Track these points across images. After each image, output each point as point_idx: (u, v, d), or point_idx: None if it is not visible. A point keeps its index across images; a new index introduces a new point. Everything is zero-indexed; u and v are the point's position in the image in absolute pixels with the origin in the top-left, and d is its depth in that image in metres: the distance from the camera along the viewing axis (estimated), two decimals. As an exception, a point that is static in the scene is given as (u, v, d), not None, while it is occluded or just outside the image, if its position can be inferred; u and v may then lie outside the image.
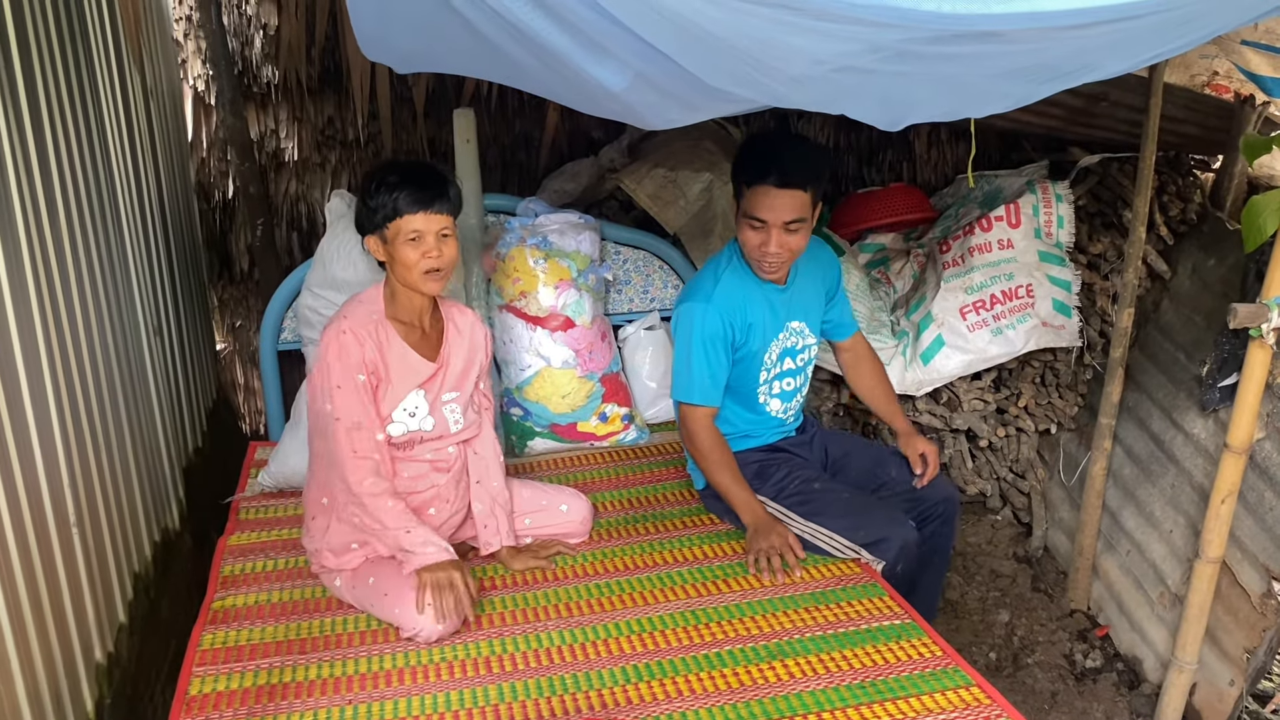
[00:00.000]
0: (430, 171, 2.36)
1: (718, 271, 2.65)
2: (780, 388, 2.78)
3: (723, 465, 2.64)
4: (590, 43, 1.50)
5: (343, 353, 2.32)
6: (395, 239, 2.29)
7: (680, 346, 2.64)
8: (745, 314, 2.63)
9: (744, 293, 2.63)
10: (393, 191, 2.27)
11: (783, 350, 2.73)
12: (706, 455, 2.64)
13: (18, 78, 2.13)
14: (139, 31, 3.28)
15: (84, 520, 2.27)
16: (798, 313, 2.74)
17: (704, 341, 2.59)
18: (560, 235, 3.34)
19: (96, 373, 2.50)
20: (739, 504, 2.62)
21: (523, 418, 3.35)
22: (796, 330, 2.75)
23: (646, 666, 2.18)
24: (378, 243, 2.34)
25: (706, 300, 2.59)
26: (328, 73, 4.17)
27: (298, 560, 2.66)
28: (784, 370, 2.77)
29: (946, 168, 4.37)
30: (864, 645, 2.23)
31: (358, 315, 2.36)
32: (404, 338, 2.40)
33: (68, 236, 2.38)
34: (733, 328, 2.61)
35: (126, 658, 2.45)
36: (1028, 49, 1.35)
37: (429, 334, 2.47)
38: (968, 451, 3.84)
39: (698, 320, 2.59)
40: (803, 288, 2.74)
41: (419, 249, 2.29)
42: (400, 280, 2.36)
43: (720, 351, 2.61)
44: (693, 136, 3.84)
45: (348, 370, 2.31)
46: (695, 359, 2.60)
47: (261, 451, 3.34)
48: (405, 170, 2.33)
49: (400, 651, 2.25)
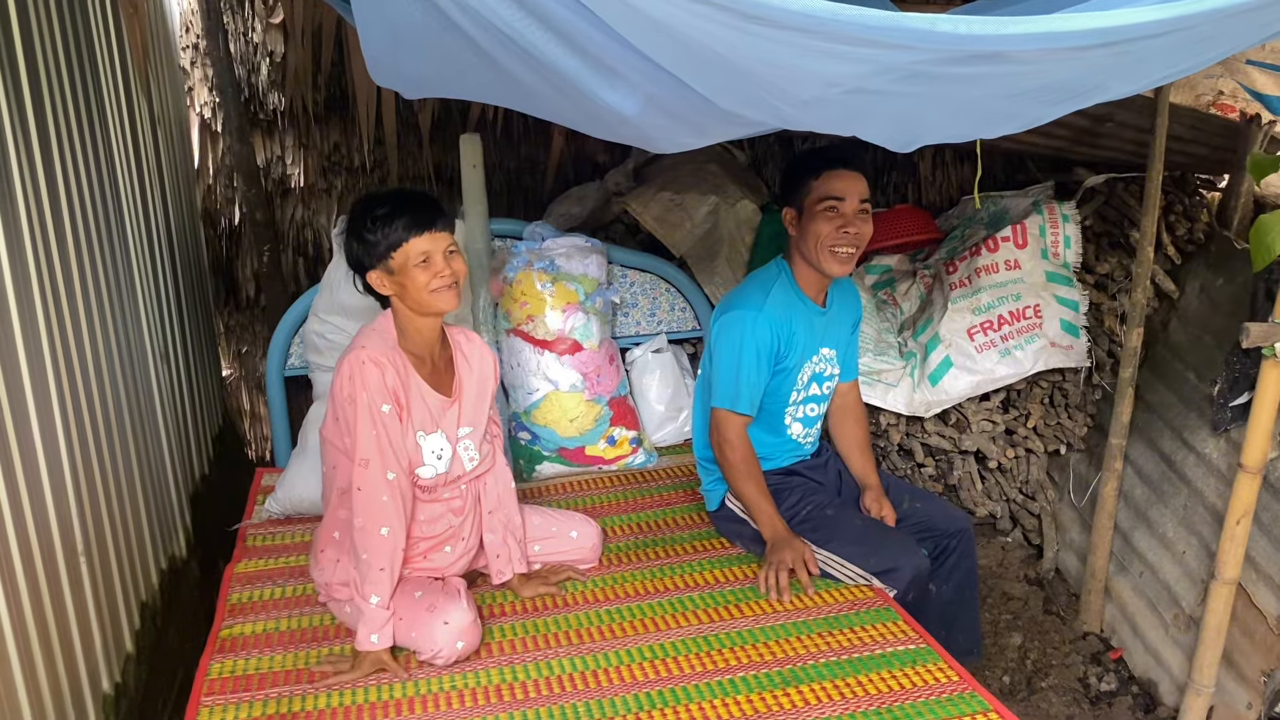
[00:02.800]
0: (417, 194, 2.34)
1: (767, 284, 2.65)
2: (804, 412, 2.77)
3: (752, 476, 2.62)
4: (601, 66, 1.50)
5: (366, 382, 2.23)
6: (404, 267, 2.25)
7: (728, 354, 2.61)
8: (790, 329, 2.63)
9: (789, 309, 2.63)
10: (390, 221, 2.23)
11: (812, 374, 2.73)
12: (738, 464, 2.62)
13: (28, 106, 2.14)
14: (146, 59, 3.29)
15: (92, 549, 2.26)
16: (830, 340, 2.74)
17: (756, 350, 2.58)
18: (567, 259, 3.34)
19: (104, 399, 2.49)
20: (762, 518, 2.60)
21: (531, 442, 3.33)
22: (827, 357, 2.75)
23: (660, 694, 2.15)
24: (382, 276, 2.28)
25: (758, 310, 2.59)
26: (334, 99, 4.19)
27: (305, 587, 2.64)
28: (810, 395, 2.76)
29: (951, 189, 4.37)
30: (879, 670, 2.20)
31: (376, 344, 2.29)
32: (417, 370, 2.35)
33: (76, 263, 2.38)
34: (779, 339, 2.61)
35: (134, 688, 2.43)
36: (1040, 69, 1.35)
37: (440, 369, 2.43)
38: (977, 473, 3.82)
39: (749, 328, 2.58)
40: (836, 317, 2.75)
41: (430, 270, 2.25)
42: (414, 307, 2.30)
43: (766, 362, 2.61)
44: (698, 160, 3.85)
45: (372, 400, 2.24)
46: (745, 367, 2.59)
47: (268, 478, 3.33)
48: (393, 199, 2.29)
49: (410, 680, 2.23)
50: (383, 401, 2.25)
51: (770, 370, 2.64)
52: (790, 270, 2.67)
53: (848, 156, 2.55)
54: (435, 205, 2.30)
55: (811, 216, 2.56)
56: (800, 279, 2.66)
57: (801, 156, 2.70)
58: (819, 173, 2.54)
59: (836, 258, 2.56)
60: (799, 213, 2.60)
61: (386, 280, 2.29)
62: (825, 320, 2.71)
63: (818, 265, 2.59)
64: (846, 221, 2.53)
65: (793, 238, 2.64)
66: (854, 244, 2.55)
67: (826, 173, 2.54)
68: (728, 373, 2.62)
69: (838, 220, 2.53)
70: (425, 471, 2.36)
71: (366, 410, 2.24)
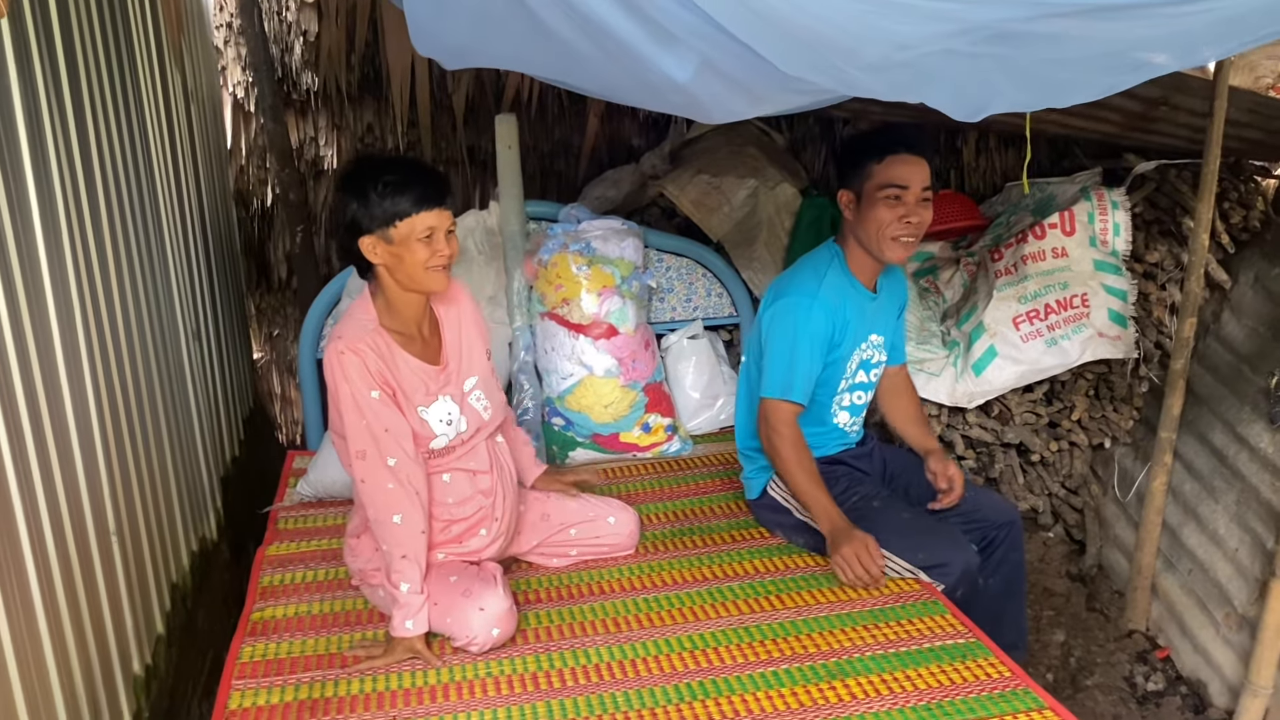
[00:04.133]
0: (428, 167, 2.28)
1: (820, 269, 2.57)
2: (851, 400, 2.70)
3: (805, 467, 2.53)
4: (658, 29, 1.43)
5: (347, 373, 2.18)
6: (406, 239, 2.17)
7: (782, 342, 2.53)
8: (844, 315, 2.55)
9: (842, 295, 2.55)
10: (402, 190, 2.15)
11: (861, 361, 2.65)
12: (789, 455, 2.53)
13: (64, 83, 2.10)
14: (180, 35, 3.26)
15: (124, 529, 2.23)
16: (878, 326, 2.67)
17: (810, 338, 2.51)
18: (604, 241, 3.28)
19: (137, 380, 2.46)
20: (817, 509, 2.51)
21: (564, 427, 3.28)
22: (875, 344, 2.67)
23: (700, 685, 2.09)
24: (377, 243, 2.19)
25: (812, 297, 2.51)
26: (367, 80, 4.15)
27: (338, 571, 2.60)
28: (857, 383, 2.68)
29: (995, 175, 4.27)
30: (927, 665, 2.13)
31: (352, 331, 2.22)
32: (405, 348, 2.28)
33: (110, 240, 2.35)
34: (834, 327, 2.54)
35: (164, 669, 2.40)
36: (1132, 28, 1.27)
37: (427, 338, 2.36)
38: (1019, 466, 3.73)
39: (803, 315, 2.51)
40: (885, 303, 2.68)
41: (431, 246, 2.19)
42: (403, 282, 2.23)
43: (820, 350, 2.53)
44: (736, 142, 3.77)
45: (355, 390, 2.18)
46: (800, 355, 2.51)
47: (300, 461, 3.29)
48: (405, 167, 2.23)
49: (444, 666, 2.18)
50: (369, 389, 2.19)
51: (824, 358, 2.56)
52: (843, 255, 2.59)
53: (912, 140, 2.45)
54: (445, 181, 2.25)
55: (872, 202, 2.46)
56: (853, 264, 2.58)
57: (862, 138, 2.60)
58: (881, 156, 2.45)
59: (897, 245, 2.48)
60: (857, 197, 2.50)
61: (381, 249, 2.19)
62: (875, 306, 2.64)
63: (876, 252, 2.51)
64: (909, 210, 2.44)
65: (848, 222, 2.55)
66: (915, 232, 2.47)
67: (890, 157, 2.44)
68: (781, 361, 2.53)
69: (900, 209, 2.44)
70: (439, 442, 2.31)
71: (352, 401, 2.18)
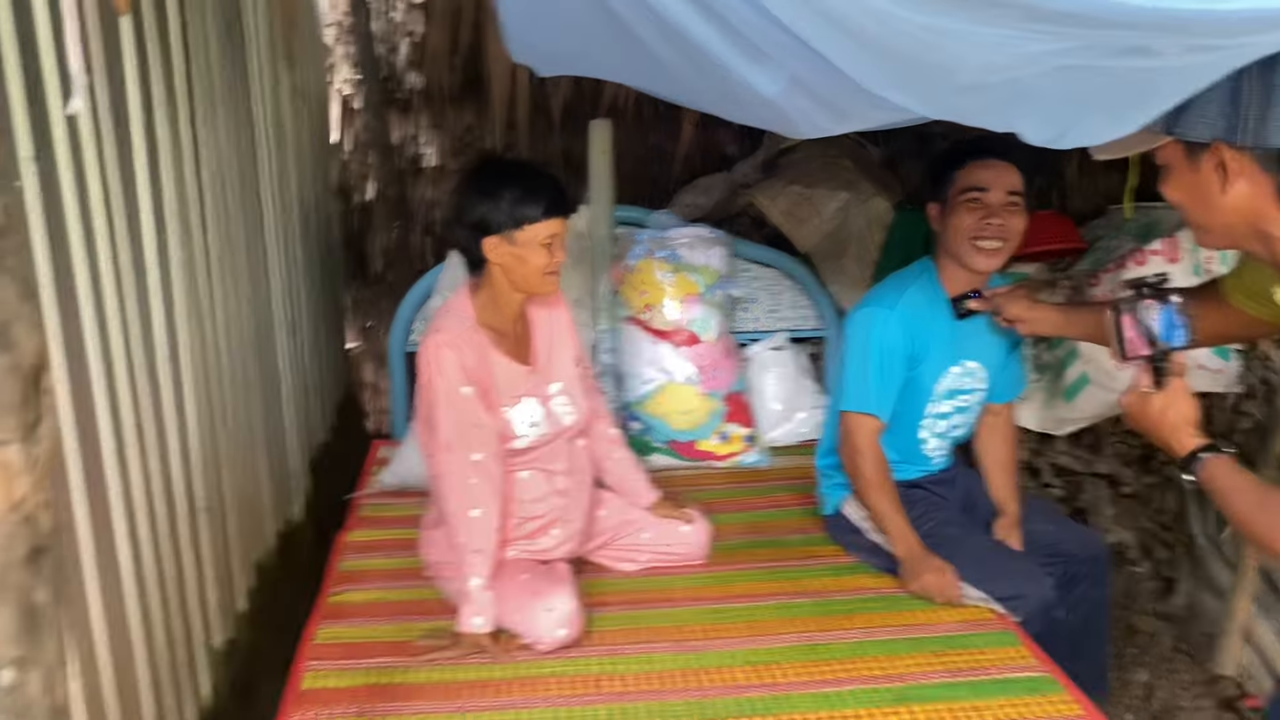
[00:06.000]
0: (555, 176, 2.35)
1: (904, 283, 2.53)
2: (943, 427, 2.63)
3: (883, 487, 2.49)
4: (747, 44, 1.43)
5: (443, 366, 2.23)
6: (530, 243, 2.24)
7: (855, 353, 2.51)
8: (926, 332, 2.50)
9: (928, 311, 2.50)
10: (536, 196, 2.23)
11: (951, 389, 2.58)
12: (868, 474, 2.50)
13: (176, 74, 2.19)
14: (291, 35, 3.37)
15: (213, 506, 2.31)
16: (975, 352, 2.58)
17: (882, 349, 2.47)
18: (690, 249, 3.29)
19: (233, 364, 2.55)
20: (894, 533, 2.47)
21: (642, 432, 3.29)
22: (971, 370, 2.59)
23: (763, 700, 2.08)
24: (500, 243, 2.25)
25: (889, 308, 2.48)
26: (469, 81, 4.22)
27: (414, 560, 2.65)
28: (944, 411, 2.61)
29: (1099, 197, 4.15)
30: (996, 696, 2.08)
31: (451, 326, 2.29)
32: (497, 346, 2.34)
33: (214, 230, 2.44)
34: (913, 341, 2.49)
35: (244, 645, 2.48)
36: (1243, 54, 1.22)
37: (520, 338, 2.42)
38: (1108, 498, 3.63)
39: (877, 326, 2.48)
40: (983, 328, 2.57)
41: (549, 253, 2.26)
42: (516, 283, 2.30)
43: (897, 364, 2.49)
44: (831, 154, 3.74)
45: (450, 385, 2.23)
46: (872, 366, 2.48)
47: (384, 450, 3.37)
48: (536, 174, 2.30)
49: (510, 662, 2.21)
50: (461, 384, 2.24)
51: (903, 374, 2.51)
52: (935, 270, 2.54)
53: (997, 146, 2.39)
54: (568, 190, 2.32)
55: (954, 209, 2.43)
56: (946, 279, 2.52)
57: (946, 149, 2.56)
58: (963, 163, 2.42)
59: (980, 251, 2.41)
60: (943, 207, 2.47)
61: (504, 249, 2.26)
62: (970, 329, 2.54)
63: (961, 260, 2.45)
64: (991, 212, 2.39)
65: (937, 235, 2.51)
66: (999, 236, 2.40)
67: (971, 163, 2.41)
68: (855, 372, 2.51)
69: (980, 210, 2.39)
70: (520, 442, 2.35)
71: (445, 395, 2.24)
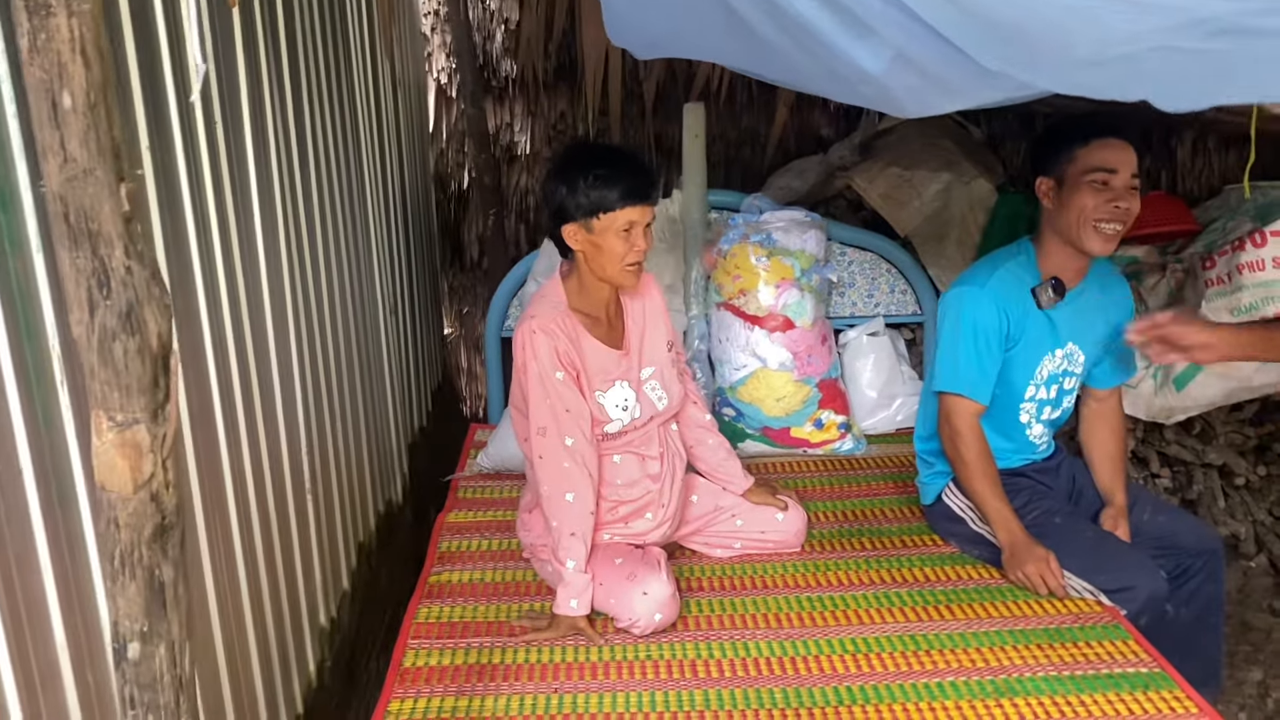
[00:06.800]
0: (639, 161, 2.31)
1: (998, 262, 2.46)
2: (1047, 414, 2.55)
3: (987, 475, 2.43)
4: (852, 19, 1.40)
5: (536, 351, 2.25)
6: (606, 230, 2.22)
7: (947, 333, 2.45)
8: (1021, 313, 2.43)
9: (1023, 292, 2.43)
10: (611, 183, 2.20)
11: (1053, 373, 2.50)
12: (971, 460, 2.44)
13: (284, 67, 2.25)
14: (391, 24, 3.42)
15: (318, 487, 2.37)
16: (1075, 335, 2.49)
17: (974, 329, 2.40)
18: (785, 233, 3.25)
19: (338, 349, 2.61)
20: (996, 519, 2.41)
21: (735, 418, 3.28)
22: (1071, 354, 2.50)
23: (861, 689, 2.06)
24: (579, 231, 2.25)
25: (980, 286, 2.41)
26: (563, 67, 4.25)
27: (511, 542, 2.69)
28: (1046, 398, 2.53)
29: (1213, 178, 3.98)
30: (1105, 692, 2.02)
31: (545, 312, 2.30)
32: (590, 331, 2.35)
33: (320, 219, 2.50)
34: (1008, 319, 2.41)
35: (348, 624, 2.55)
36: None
37: (613, 323, 2.42)
38: (1220, 489, 3.49)
39: (968, 305, 2.41)
40: (1084, 310, 2.49)
41: (628, 242, 2.24)
42: (598, 272, 2.29)
43: (993, 343, 2.41)
44: (930, 135, 3.66)
45: (543, 369, 2.25)
46: (963, 346, 2.41)
47: (481, 434, 3.42)
48: (617, 159, 2.27)
49: (608, 645, 2.23)
50: (554, 369, 2.25)
51: (999, 354, 2.43)
52: (1034, 250, 2.45)
53: (1119, 125, 2.31)
54: (652, 176, 2.29)
55: (1076, 188, 2.32)
56: (1045, 260, 2.43)
57: (1065, 122, 2.46)
58: (1087, 140, 2.32)
59: (1101, 235, 2.32)
60: (1059, 183, 2.37)
61: (582, 237, 2.26)
62: (1070, 312, 2.45)
63: (1077, 242, 2.35)
64: (1117, 194, 2.30)
65: (1047, 211, 2.41)
66: (1123, 219, 2.31)
67: (1096, 141, 2.31)
68: (947, 352, 2.45)
69: (1107, 193, 2.30)
70: (613, 426, 2.36)
71: (538, 379, 2.25)
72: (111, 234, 0.83)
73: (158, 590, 0.90)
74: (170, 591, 0.92)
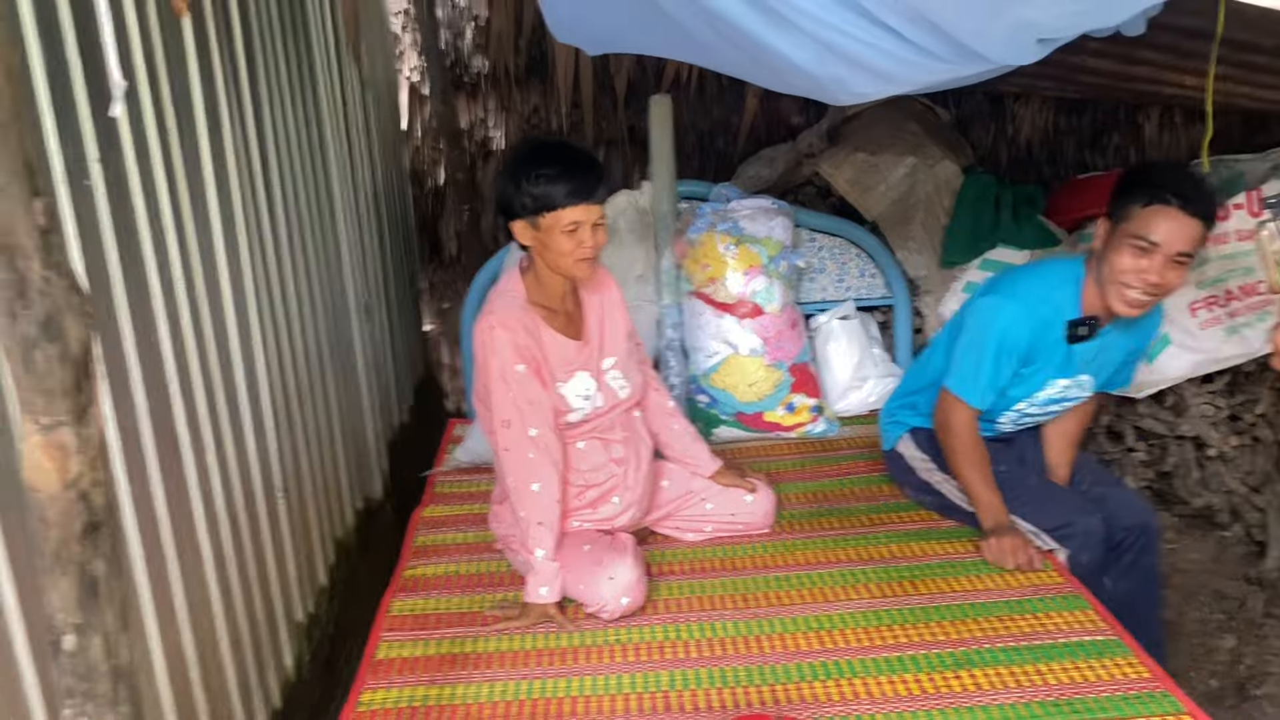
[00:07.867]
0: (585, 158, 2.33)
1: (1051, 284, 2.43)
2: (1027, 421, 2.63)
3: (975, 463, 2.48)
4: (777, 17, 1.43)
5: (496, 347, 2.28)
6: (552, 229, 2.25)
7: (976, 338, 2.45)
8: (1048, 340, 2.43)
9: (1060, 323, 2.42)
10: (553, 183, 2.22)
11: (1053, 397, 2.55)
12: (961, 450, 2.49)
13: (241, 68, 2.28)
14: (357, 27, 3.45)
15: (290, 486, 2.41)
16: (1091, 367, 2.51)
17: (1001, 345, 2.41)
18: (752, 221, 3.29)
19: (307, 350, 2.65)
20: (982, 504, 2.47)
21: (708, 405, 3.32)
22: (1080, 382, 2.53)
23: (823, 665, 2.10)
24: (526, 228, 2.29)
25: (1024, 306, 2.40)
26: (534, 63, 4.28)
27: (486, 534, 2.72)
28: (1038, 412, 2.60)
29: (1180, 152, 4.02)
30: (1061, 660, 2.06)
31: (503, 307, 2.33)
32: (549, 323, 2.38)
33: (284, 220, 2.53)
34: (1035, 343, 2.43)
35: (325, 619, 2.59)
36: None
37: (571, 313, 2.45)
38: (1194, 461, 3.53)
39: (1004, 320, 2.41)
40: (1109, 346, 2.50)
41: (575, 239, 2.26)
42: (551, 266, 2.33)
43: (1013, 363, 2.44)
44: (897, 119, 3.69)
45: (504, 364, 2.28)
46: (987, 359, 2.42)
47: (459, 428, 3.46)
48: (561, 158, 2.27)
49: (576, 631, 2.27)
50: (515, 362, 2.28)
51: (1013, 371, 2.46)
52: (1083, 281, 2.41)
53: (1189, 194, 2.23)
54: (598, 174, 2.30)
55: (1119, 243, 2.29)
56: (1090, 291, 2.40)
57: (1144, 170, 2.43)
58: (1149, 202, 2.25)
59: (1124, 299, 2.30)
60: (1112, 225, 2.33)
61: (530, 234, 2.30)
62: (1096, 347, 2.46)
63: (1105, 295, 2.35)
64: (1153, 269, 2.25)
65: (1096, 251, 2.38)
66: (1152, 294, 2.29)
67: (1158, 205, 2.24)
68: (969, 357, 2.46)
69: (1144, 262, 2.25)
70: (575, 415, 2.40)
71: (500, 374, 2.29)
72: (28, 247, 0.87)
73: (89, 585, 0.94)
74: (103, 586, 0.96)
